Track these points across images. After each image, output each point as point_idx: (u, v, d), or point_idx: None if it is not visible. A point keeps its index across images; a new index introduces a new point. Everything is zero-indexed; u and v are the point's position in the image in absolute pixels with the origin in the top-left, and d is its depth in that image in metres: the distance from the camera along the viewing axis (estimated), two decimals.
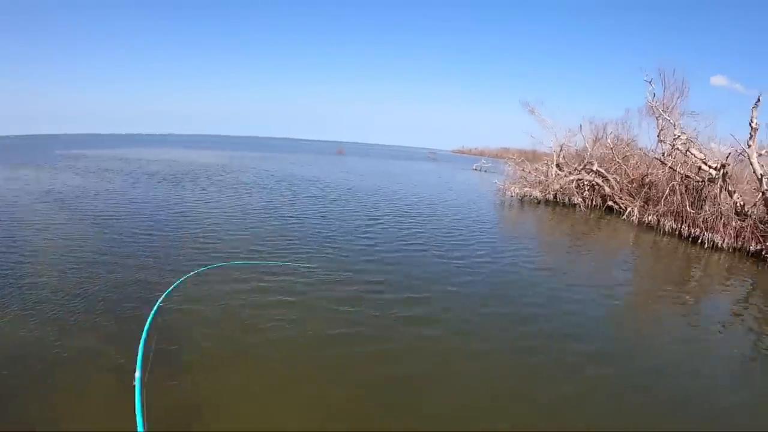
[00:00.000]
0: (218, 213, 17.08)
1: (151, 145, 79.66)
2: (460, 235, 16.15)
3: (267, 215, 17.14)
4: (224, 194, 22.03)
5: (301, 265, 10.57)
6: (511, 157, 35.88)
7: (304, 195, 23.50)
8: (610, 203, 24.28)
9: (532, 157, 36.20)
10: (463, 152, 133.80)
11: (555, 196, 26.50)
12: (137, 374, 3.28)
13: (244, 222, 15.66)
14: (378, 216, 18.51)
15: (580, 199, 25.04)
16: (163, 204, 18.31)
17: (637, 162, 25.82)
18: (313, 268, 10.56)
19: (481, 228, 17.84)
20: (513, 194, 26.83)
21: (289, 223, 15.86)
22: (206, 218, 15.86)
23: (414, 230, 16.15)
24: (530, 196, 26.70)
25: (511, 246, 15.34)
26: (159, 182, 25.63)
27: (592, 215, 23.42)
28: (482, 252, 13.80)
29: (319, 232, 14.77)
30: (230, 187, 24.80)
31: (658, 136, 21.22)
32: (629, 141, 27.12)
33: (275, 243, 12.89)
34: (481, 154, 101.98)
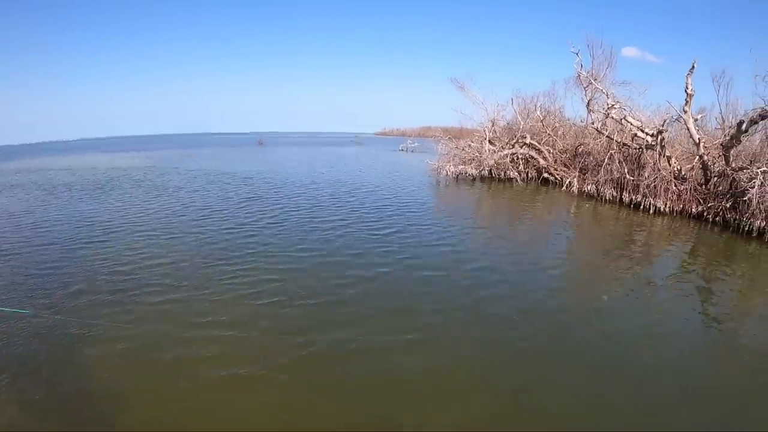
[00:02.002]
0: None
1: (62, 152, 68.74)
2: (403, 217, 15.62)
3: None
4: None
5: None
6: (435, 135, 35.46)
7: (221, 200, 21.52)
8: (546, 175, 24.37)
9: (459, 133, 35.91)
10: (385, 134, 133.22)
11: (490, 172, 26.24)
12: None
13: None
14: (318, 206, 17.36)
15: (515, 173, 24.91)
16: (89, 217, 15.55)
17: (563, 133, 26.19)
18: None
19: (422, 209, 17.34)
20: (448, 172, 26.20)
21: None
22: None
23: (356, 222, 14.95)
24: (465, 173, 26.23)
25: (455, 223, 15.22)
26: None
27: (528, 188, 23.42)
28: (429, 232, 13.61)
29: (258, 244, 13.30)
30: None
31: (587, 106, 21.25)
32: (558, 112, 27.40)
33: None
34: (403, 134, 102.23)
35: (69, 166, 37.10)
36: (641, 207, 16.50)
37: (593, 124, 20.94)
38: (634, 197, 17.06)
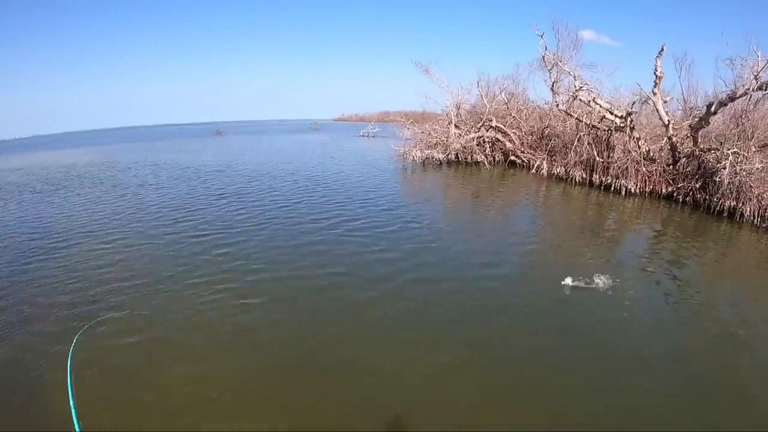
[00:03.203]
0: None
1: (14, 150, 60.97)
2: (373, 203, 15.51)
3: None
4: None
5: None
6: (396, 120, 34.96)
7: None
8: (513, 158, 24.25)
9: (421, 118, 35.51)
10: (344, 119, 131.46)
11: (457, 156, 25.91)
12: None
13: None
14: (293, 200, 16.58)
15: (482, 157, 24.67)
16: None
17: (527, 115, 26.19)
18: None
19: (390, 195, 17.18)
20: (414, 157, 25.71)
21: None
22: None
23: (326, 209, 14.57)
24: (432, 158, 25.82)
25: (426, 207, 15.46)
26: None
27: (496, 171, 23.31)
28: (401, 217, 13.56)
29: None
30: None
31: (551, 88, 21.14)
32: (521, 95, 27.32)
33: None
34: (362, 120, 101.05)
35: (21, 166, 33.54)
36: (611, 188, 16.57)
37: (558, 106, 20.89)
38: (604, 179, 17.12)
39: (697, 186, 14.32)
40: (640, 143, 16.54)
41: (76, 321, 6.96)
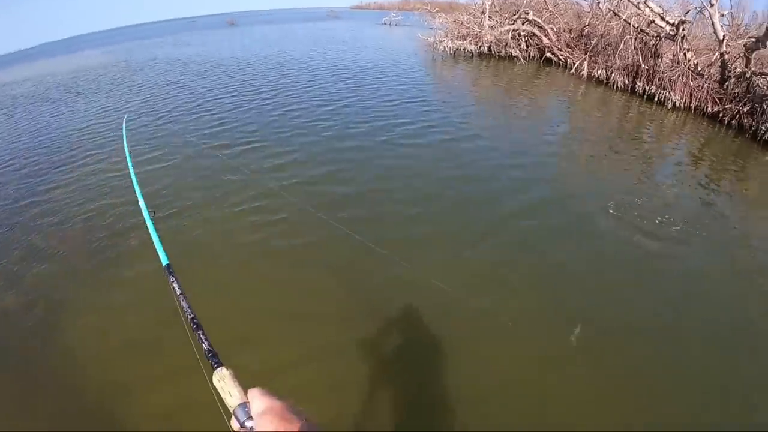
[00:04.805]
0: None
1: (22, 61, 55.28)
2: (405, 93, 15.79)
3: None
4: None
5: None
6: (421, 7, 32.74)
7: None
8: (549, 55, 22.70)
9: (449, 7, 33.20)
10: (362, 7, 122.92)
11: (490, 49, 24.29)
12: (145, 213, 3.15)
13: None
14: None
15: (518, 51, 23.13)
16: None
17: (564, 10, 24.21)
18: None
19: (422, 85, 17.10)
20: (446, 48, 24.16)
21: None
22: None
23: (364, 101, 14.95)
24: (464, 49, 24.25)
25: (459, 102, 15.26)
26: None
27: (531, 67, 22.00)
28: (429, 110, 13.89)
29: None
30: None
31: None
32: None
33: None
34: (381, 8, 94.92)
35: (29, 77, 31.21)
36: (655, 99, 15.59)
37: (601, 3, 19.43)
38: (647, 87, 16.04)
39: (745, 110, 13.41)
40: (688, 55, 15.32)
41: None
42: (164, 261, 2.35)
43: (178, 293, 1.85)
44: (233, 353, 3.56)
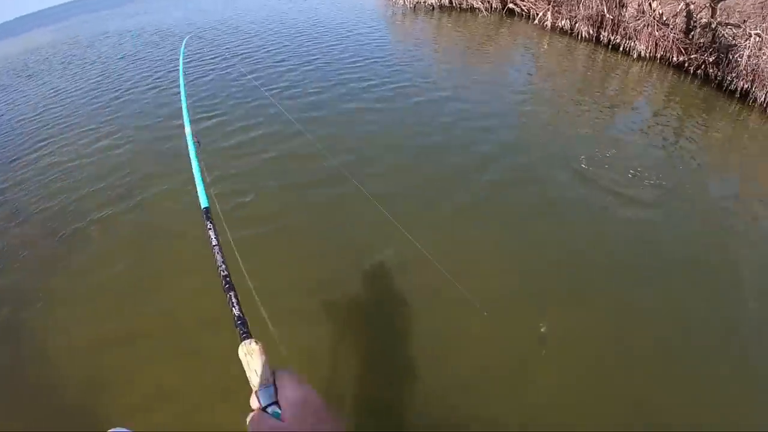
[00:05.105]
0: None
1: None
2: (361, 50, 15.71)
3: None
4: None
5: None
6: None
7: None
8: (511, 5, 21.79)
9: None
10: None
11: (450, 1, 23.19)
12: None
13: None
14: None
15: (479, 3, 22.14)
16: None
17: None
18: None
19: (379, 42, 16.88)
20: (405, 1, 23.00)
21: None
22: None
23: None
24: (424, 2, 23.14)
25: (419, 55, 15.34)
26: None
27: (493, 18, 21.11)
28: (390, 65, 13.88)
29: None
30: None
31: None
32: None
33: None
34: None
35: None
36: (620, 49, 15.17)
37: None
38: (612, 38, 15.60)
39: (711, 60, 13.18)
40: (654, 5, 14.94)
41: None
42: (204, 203, 2.15)
43: (213, 243, 1.66)
44: None
